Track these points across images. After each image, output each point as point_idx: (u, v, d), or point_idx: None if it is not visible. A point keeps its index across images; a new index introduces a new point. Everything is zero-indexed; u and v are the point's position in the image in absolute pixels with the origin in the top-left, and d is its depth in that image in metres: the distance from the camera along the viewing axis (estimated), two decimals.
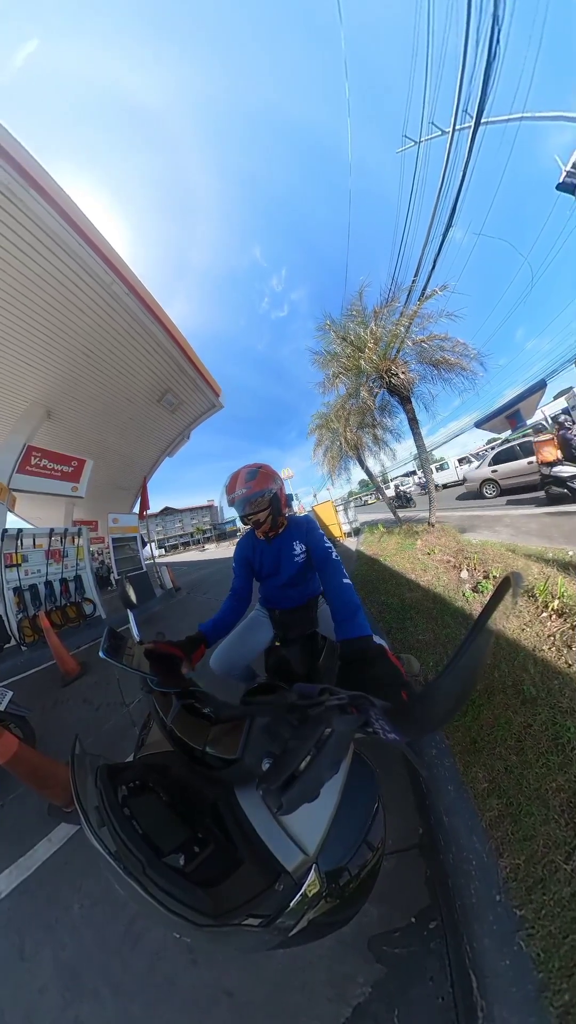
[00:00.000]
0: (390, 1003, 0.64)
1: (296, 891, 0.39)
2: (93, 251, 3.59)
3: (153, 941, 0.81)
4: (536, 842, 0.77)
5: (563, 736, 0.99)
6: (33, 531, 4.75)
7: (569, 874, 0.70)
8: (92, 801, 0.45)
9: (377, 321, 4.67)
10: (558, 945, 0.61)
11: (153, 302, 4.48)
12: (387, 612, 2.43)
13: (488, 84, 4.64)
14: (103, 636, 0.70)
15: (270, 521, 0.95)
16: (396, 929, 0.74)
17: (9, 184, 2.90)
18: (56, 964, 0.82)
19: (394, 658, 0.60)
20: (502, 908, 0.69)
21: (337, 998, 0.66)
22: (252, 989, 0.70)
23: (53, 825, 1.24)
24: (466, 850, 0.82)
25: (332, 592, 0.80)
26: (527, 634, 1.56)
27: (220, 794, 0.50)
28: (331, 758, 0.38)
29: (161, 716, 0.61)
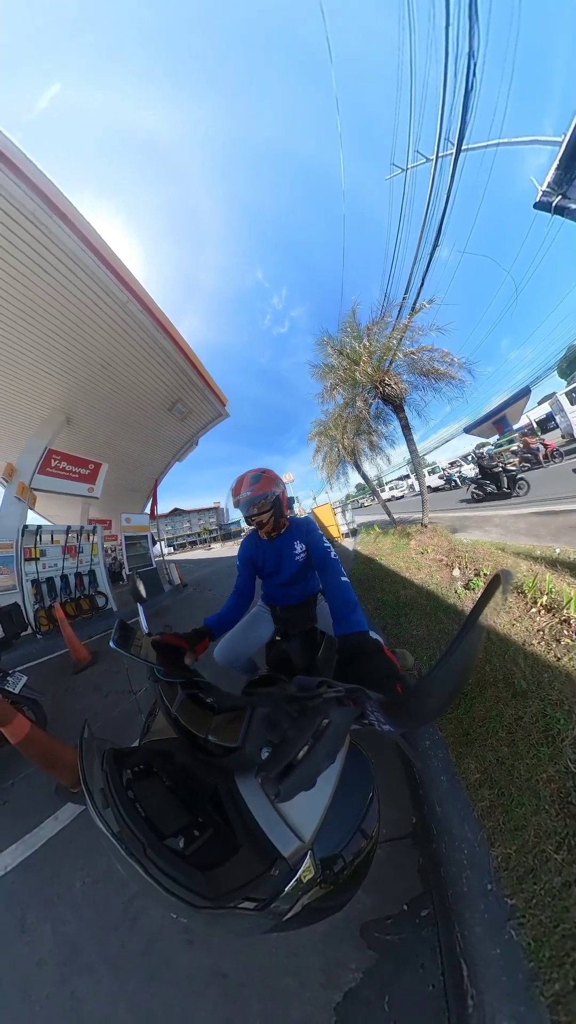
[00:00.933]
0: (381, 989, 0.62)
1: (291, 876, 0.39)
2: (110, 272, 3.74)
3: (151, 921, 0.79)
4: (527, 832, 0.74)
5: (553, 728, 0.96)
6: (51, 528, 4.81)
7: (560, 864, 0.66)
8: (98, 783, 0.45)
9: (370, 335, 4.78)
10: (549, 934, 0.57)
11: (165, 319, 4.62)
12: (383, 609, 2.40)
13: (467, 114, 4.83)
14: (114, 627, 0.70)
15: (272, 522, 0.95)
16: (388, 916, 0.72)
17: (36, 212, 3.06)
18: (56, 939, 0.80)
19: (390, 653, 0.59)
20: (493, 897, 0.66)
21: (329, 983, 0.64)
22: (246, 971, 0.68)
23: (60, 805, 1.23)
24: (458, 839, 0.79)
25: (331, 590, 0.80)
26: (517, 629, 1.52)
27: (220, 781, 0.49)
28: (328, 748, 0.37)
29: (166, 704, 0.61)
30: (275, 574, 1.04)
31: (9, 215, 3.02)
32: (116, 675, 2.39)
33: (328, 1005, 0.61)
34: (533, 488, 5.64)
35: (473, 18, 4.99)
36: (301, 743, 0.37)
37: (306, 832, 0.40)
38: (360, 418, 5.24)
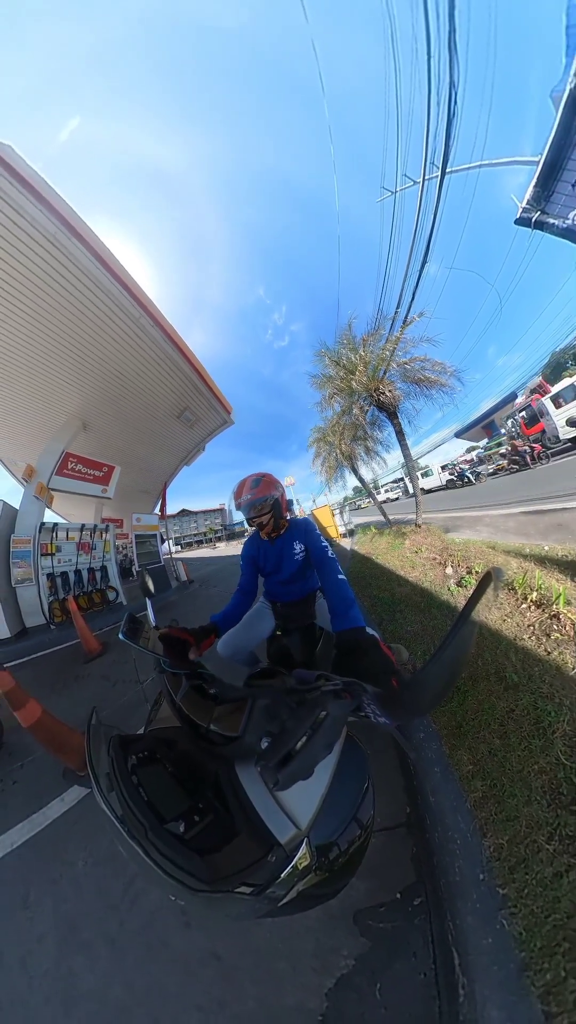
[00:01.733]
0: (373, 976, 0.59)
1: (287, 863, 0.38)
2: (124, 289, 3.84)
3: (150, 902, 0.77)
4: (519, 822, 0.71)
5: (544, 720, 0.93)
6: (66, 526, 4.89)
7: (551, 854, 0.63)
8: (103, 768, 0.45)
9: (365, 347, 4.84)
10: (540, 924, 0.55)
11: (174, 332, 4.72)
12: (379, 605, 2.37)
13: (450, 139, 4.91)
14: (123, 620, 0.71)
15: (272, 523, 0.96)
16: (382, 904, 0.69)
17: (56, 234, 3.17)
18: (56, 916, 0.78)
19: (385, 648, 0.58)
20: (485, 887, 0.64)
21: (322, 968, 0.61)
22: (241, 955, 0.66)
23: (66, 787, 1.22)
24: (451, 829, 0.76)
25: (328, 587, 0.79)
26: (508, 624, 1.49)
27: (221, 768, 0.49)
28: (325, 739, 0.37)
29: (171, 694, 0.61)
30: (276, 572, 1.05)
31: (32, 237, 3.14)
32: (124, 665, 2.38)
33: (320, 990, 0.59)
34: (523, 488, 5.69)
35: (452, 51, 5.10)
36: (299, 734, 0.37)
37: (303, 820, 0.40)
38: (356, 425, 5.28)
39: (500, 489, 6.87)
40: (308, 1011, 0.57)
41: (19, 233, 3.11)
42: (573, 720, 0.89)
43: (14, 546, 4.07)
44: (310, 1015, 0.56)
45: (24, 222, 3.03)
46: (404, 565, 3.15)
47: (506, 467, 9.27)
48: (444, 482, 12.49)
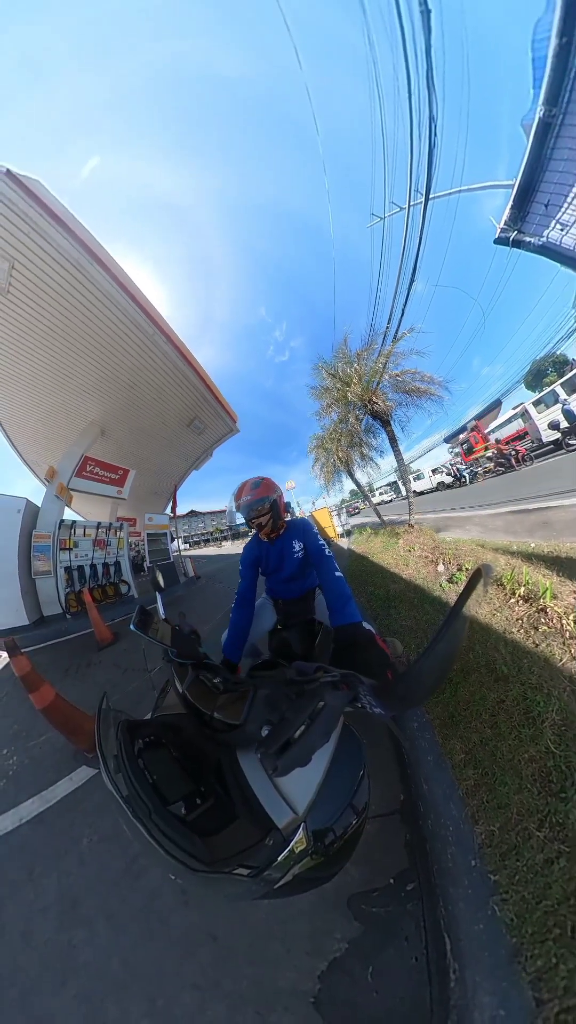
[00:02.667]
0: (365, 960, 0.56)
1: (284, 847, 0.37)
2: (139, 309, 3.97)
3: (151, 881, 0.75)
4: (510, 810, 0.67)
5: (534, 710, 0.89)
6: (84, 523, 4.95)
7: (542, 841, 0.60)
8: (111, 750, 0.44)
9: (360, 361, 4.92)
10: (531, 911, 0.51)
11: (185, 348, 4.84)
12: (374, 601, 2.34)
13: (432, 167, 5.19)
14: (135, 612, 0.70)
15: (271, 524, 0.95)
16: (375, 889, 0.66)
17: (79, 260, 3.32)
18: (60, 889, 0.76)
19: (381, 642, 0.59)
20: (477, 873, 0.60)
21: (315, 951, 0.58)
22: (236, 935, 0.63)
23: (75, 767, 1.20)
24: (444, 817, 0.73)
25: (327, 584, 0.79)
26: (498, 618, 1.45)
27: (223, 754, 0.48)
28: (323, 728, 0.37)
29: (177, 683, 0.61)
30: (277, 571, 1.04)
31: (58, 261, 3.29)
32: (134, 654, 2.37)
33: (313, 973, 0.56)
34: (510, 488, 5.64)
35: (431, 88, 5.29)
36: (298, 723, 0.37)
37: (300, 805, 0.39)
38: (352, 432, 5.32)
39: (488, 490, 6.81)
40: (301, 993, 0.54)
41: (46, 258, 3.25)
42: (562, 710, 0.86)
43: (35, 541, 4.11)
44: (303, 997, 0.53)
45: (51, 248, 3.18)
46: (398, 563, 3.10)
47: (492, 470, 9.26)
48: (435, 484, 12.52)
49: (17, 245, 3.13)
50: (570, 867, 0.54)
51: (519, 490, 5.13)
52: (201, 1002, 0.54)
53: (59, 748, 1.31)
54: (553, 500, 3.66)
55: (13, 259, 3.22)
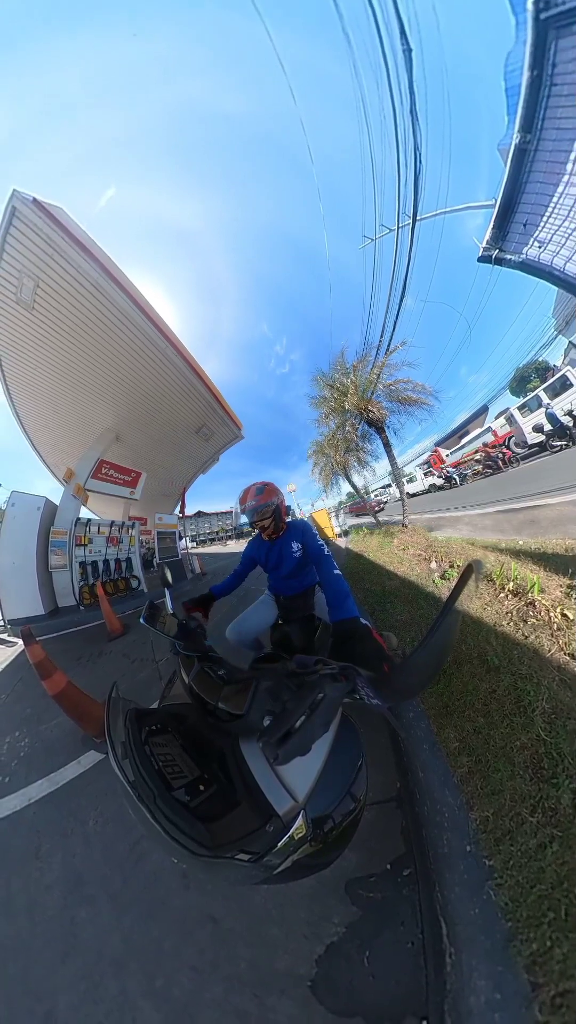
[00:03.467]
0: (362, 944, 0.53)
1: (284, 833, 0.36)
2: (153, 326, 4.09)
3: (153, 863, 0.72)
4: (503, 796, 0.65)
5: (524, 699, 0.86)
6: (98, 521, 4.97)
7: (535, 826, 0.57)
8: (120, 736, 0.44)
9: (355, 372, 4.97)
10: (526, 895, 0.49)
11: (194, 361, 4.98)
12: (371, 597, 2.31)
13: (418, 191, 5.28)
14: (144, 606, 0.71)
15: (273, 526, 0.96)
16: (372, 875, 0.63)
17: (97, 279, 3.43)
18: (65, 868, 0.74)
19: (377, 636, 0.58)
20: (472, 858, 0.58)
21: (313, 935, 0.56)
22: (236, 919, 0.60)
23: (84, 751, 1.17)
24: (439, 803, 0.71)
25: (326, 581, 0.79)
26: (488, 612, 1.42)
27: (226, 743, 0.48)
28: (322, 719, 0.36)
29: (183, 674, 0.61)
30: (276, 569, 1.05)
31: (79, 281, 3.41)
32: (142, 646, 2.34)
33: (310, 957, 0.53)
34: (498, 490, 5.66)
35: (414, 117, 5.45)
36: (299, 713, 0.36)
37: (300, 793, 0.38)
38: (349, 439, 5.36)
39: (477, 491, 6.77)
40: (298, 976, 0.51)
41: (68, 278, 3.37)
42: (551, 698, 0.83)
43: (53, 537, 4.14)
44: (299, 980, 0.51)
45: (72, 269, 3.30)
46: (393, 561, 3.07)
47: (481, 472, 9.25)
48: (427, 487, 12.38)
49: (41, 265, 3.26)
50: (563, 852, 0.51)
51: (507, 490, 5.10)
52: (199, 983, 0.52)
53: (68, 732, 1.28)
54: (539, 499, 3.62)
55: (38, 278, 3.36)
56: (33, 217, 2.98)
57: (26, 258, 3.22)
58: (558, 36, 4.33)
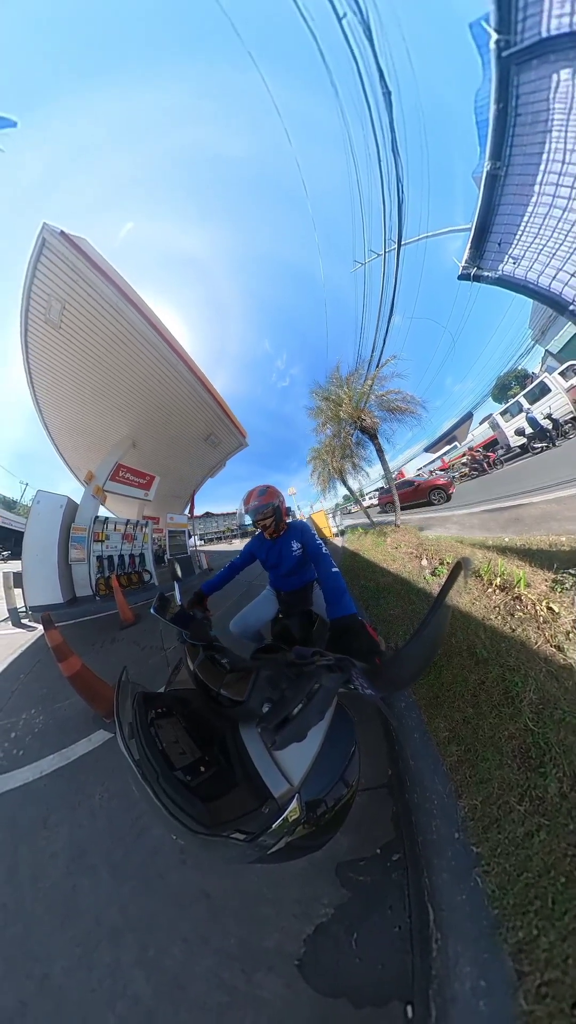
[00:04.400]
0: (350, 926, 0.50)
1: (279, 815, 0.35)
2: (166, 344, 4.22)
3: (153, 838, 0.70)
4: (492, 784, 0.62)
5: (512, 690, 0.83)
6: (115, 520, 5.06)
7: (522, 814, 0.54)
8: (127, 717, 0.44)
9: (349, 384, 5.06)
10: (512, 882, 0.45)
11: (203, 375, 5.09)
12: (366, 593, 2.27)
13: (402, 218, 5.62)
14: (155, 597, 0.73)
15: (274, 526, 0.97)
16: (362, 858, 0.60)
17: (116, 302, 3.57)
18: (70, 838, 0.73)
19: (372, 631, 0.56)
20: (460, 845, 0.55)
21: (303, 915, 0.53)
22: (229, 895, 0.58)
23: (94, 730, 1.17)
24: (429, 791, 0.68)
25: (324, 579, 0.79)
26: (477, 607, 1.38)
27: (227, 728, 0.47)
28: (318, 707, 0.36)
29: (189, 661, 0.61)
30: (276, 567, 1.04)
31: (100, 304, 3.55)
32: (152, 635, 2.35)
33: (299, 936, 0.51)
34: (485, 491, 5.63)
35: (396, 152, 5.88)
36: (296, 701, 0.36)
37: (296, 777, 0.37)
38: (344, 445, 5.40)
39: (464, 492, 6.69)
40: (286, 954, 0.49)
41: (91, 301, 3.51)
42: (539, 689, 0.79)
43: (73, 533, 4.22)
44: (287, 958, 0.48)
45: (95, 293, 3.44)
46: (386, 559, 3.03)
47: (467, 474, 9.20)
48: None
49: (68, 290, 3.42)
50: (550, 840, 0.48)
51: (492, 491, 5.04)
52: (190, 955, 0.50)
53: (80, 712, 1.28)
54: (522, 498, 3.56)
55: (64, 301, 3.51)
56: (60, 247, 3.13)
57: (54, 283, 3.38)
58: (519, 71, 4.48)
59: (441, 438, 25.08)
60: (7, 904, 0.59)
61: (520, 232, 5.30)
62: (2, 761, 1.05)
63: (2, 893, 0.62)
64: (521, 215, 5.19)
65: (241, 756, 0.42)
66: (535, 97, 4.61)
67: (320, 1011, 0.42)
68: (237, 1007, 0.43)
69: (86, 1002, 0.46)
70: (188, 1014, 0.44)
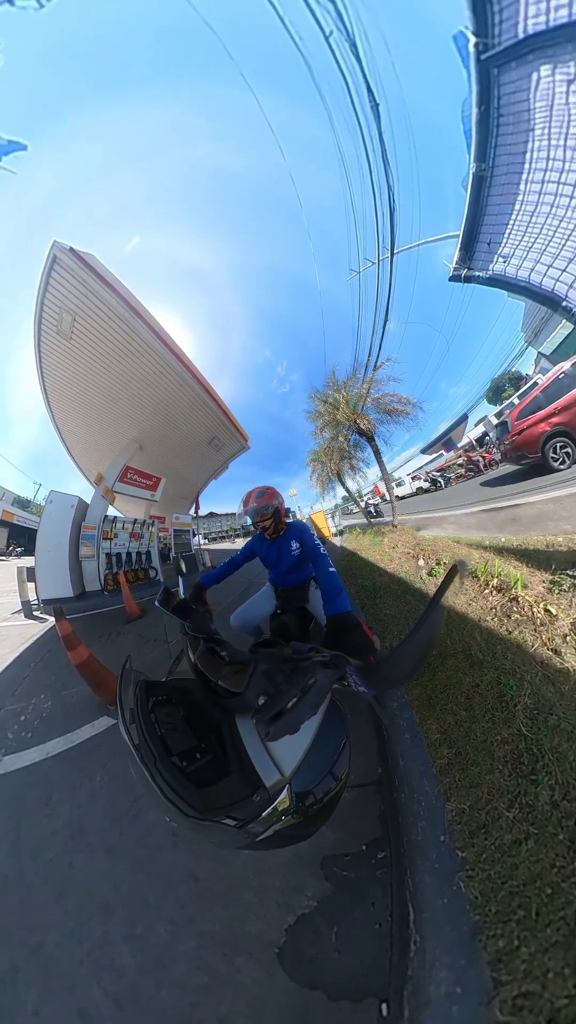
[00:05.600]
0: (331, 920, 0.50)
1: (269, 803, 0.35)
2: (171, 352, 4.32)
3: (148, 820, 0.72)
4: (481, 789, 0.59)
5: (507, 694, 0.79)
6: (123, 519, 5.18)
7: (511, 821, 0.52)
8: (129, 704, 0.45)
9: (346, 388, 5.02)
10: (496, 890, 0.44)
11: (206, 381, 5.18)
12: (363, 592, 2.23)
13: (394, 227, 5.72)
14: (160, 591, 0.74)
15: (273, 526, 0.98)
16: (348, 854, 0.60)
17: (124, 314, 3.68)
18: (70, 817, 0.75)
19: (367, 629, 0.57)
20: (445, 848, 0.53)
21: (286, 905, 0.53)
22: (216, 880, 0.59)
23: (99, 716, 1.21)
24: (418, 791, 0.66)
25: (322, 578, 0.80)
26: (473, 608, 1.33)
27: (224, 717, 0.48)
28: (312, 701, 0.36)
29: (190, 653, 0.62)
30: (276, 565, 1.06)
31: (108, 316, 3.66)
32: (156, 628, 2.39)
33: (281, 925, 0.51)
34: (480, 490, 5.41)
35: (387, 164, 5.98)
36: (291, 695, 0.36)
37: (287, 768, 0.37)
38: (343, 447, 5.35)
39: (461, 493, 6.49)
40: (267, 941, 0.49)
41: (100, 313, 3.63)
42: (534, 694, 0.76)
43: (84, 530, 4.37)
44: (268, 945, 0.48)
45: (103, 305, 3.54)
46: (383, 559, 2.97)
47: (464, 475, 8.99)
48: (414, 489, 12.16)
49: (78, 303, 3.54)
50: (537, 849, 0.46)
51: (488, 491, 4.85)
52: (175, 935, 0.51)
53: (86, 699, 1.32)
54: (519, 498, 3.39)
55: (75, 313, 3.64)
56: (70, 263, 3.25)
57: (65, 296, 3.50)
58: (499, 73, 4.42)
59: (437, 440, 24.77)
60: (8, 876, 0.62)
61: (509, 231, 5.21)
62: (12, 742, 1.09)
63: (4, 866, 0.64)
64: (509, 214, 5.11)
65: (236, 745, 0.42)
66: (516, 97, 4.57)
67: (297, 1001, 0.42)
68: (216, 989, 0.44)
69: (74, 972, 0.47)
70: (168, 992, 0.44)
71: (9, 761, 0.99)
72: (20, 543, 13.57)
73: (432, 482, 10.73)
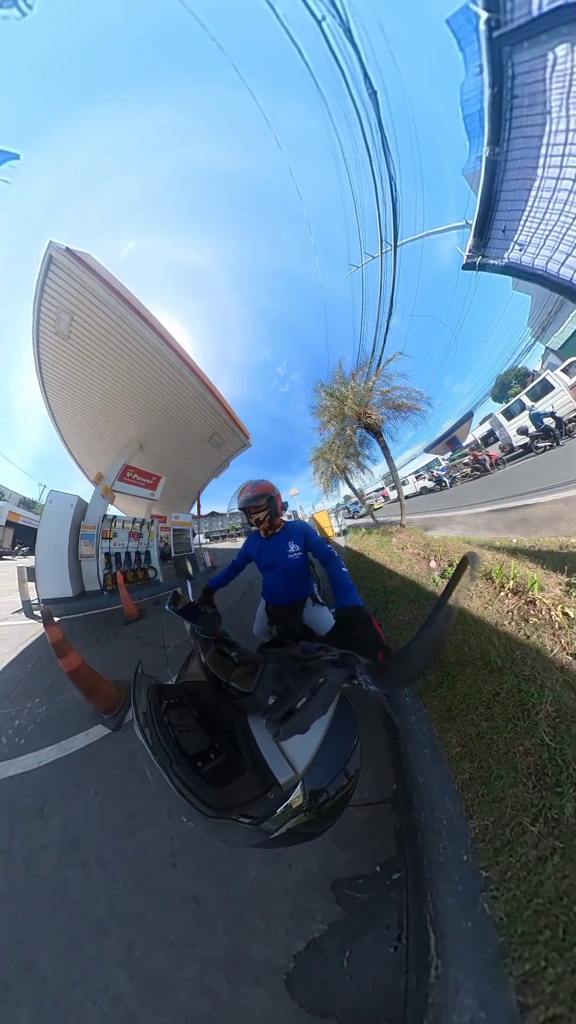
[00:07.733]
0: (343, 944, 0.48)
1: (283, 801, 0.36)
2: (173, 352, 4.46)
3: (145, 837, 0.70)
4: (505, 804, 0.57)
5: (528, 702, 0.77)
6: (122, 518, 5.27)
7: (536, 837, 0.49)
8: (142, 707, 0.47)
9: (354, 380, 5.04)
10: (522, 910, 0.42)
11: (207, 379, 5.30)
12: (373, 596, 2.18)
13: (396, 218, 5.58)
14: (169, 595, 0.76)
15: (268, 520, 0.93)
16: (360, 876, 0.58)
17: (123, 314, 3.83)
18: (63, 830, 0.74)
19: (377, 625, 0.57)
20: (468, 868, 0.51)
21: (294, 929, 0.51)
22: (219, 903, 0.56)
23: (92, 725, 1.19)
24: (438, 809, 0.64)
25: (333, 577, 0.80)
26: (489, 612, 1.30)
27: (236, 717, 0.49)
28: (322, 701, 0.37)
29: (200, 655, 0.63)
30: (271, 568, 0.98)
31: (107, 315, 3.79)
32: (154, 631, 2.36)
33: (289, 951, 0.48)
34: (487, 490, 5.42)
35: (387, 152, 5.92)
36: (300, 695, 0.37)
37: (300, 766, 0.38)
38: (348, 443, 5.36)
39: (466, 492, 6.43)
40: (275, 967, 0.47)
41: (97, 313, 3.75)
42: (555, 701, 0.73)
43: (83, 530, 4.43)
44: (275, 971, 0.46)
45: (101, 304, 3.67)
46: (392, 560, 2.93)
47: (469, 474, 8.88)
48: (418, 489, 12.09)
49: (75, 303, 3.67)
50: (564, 865, 0.44)
51: (495, 491, 4.82)
52: (175, 959, 0.49)
53: (81, 705, 1.31)
54: (529, 498, 3.37)
55: (72, 313, 3.76)
56: (67, 263, 3.37)
57: (62, 296, 3.62)
58: (512, 52, 4.27)
59: (441, 438, 24.40)
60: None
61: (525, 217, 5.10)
62: (4, 748, 1.08)
63: None
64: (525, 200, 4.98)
65: (249, 744, 0.43)
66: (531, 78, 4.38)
67: None
68: (219, 1017, 0.42)
69: (67, 993, 0.46)
70: (168, 1017, 0.43)
71: (1, 768, 0.97)
72: (25, 543, 14.00)
73: (437, 481, 10.69)
